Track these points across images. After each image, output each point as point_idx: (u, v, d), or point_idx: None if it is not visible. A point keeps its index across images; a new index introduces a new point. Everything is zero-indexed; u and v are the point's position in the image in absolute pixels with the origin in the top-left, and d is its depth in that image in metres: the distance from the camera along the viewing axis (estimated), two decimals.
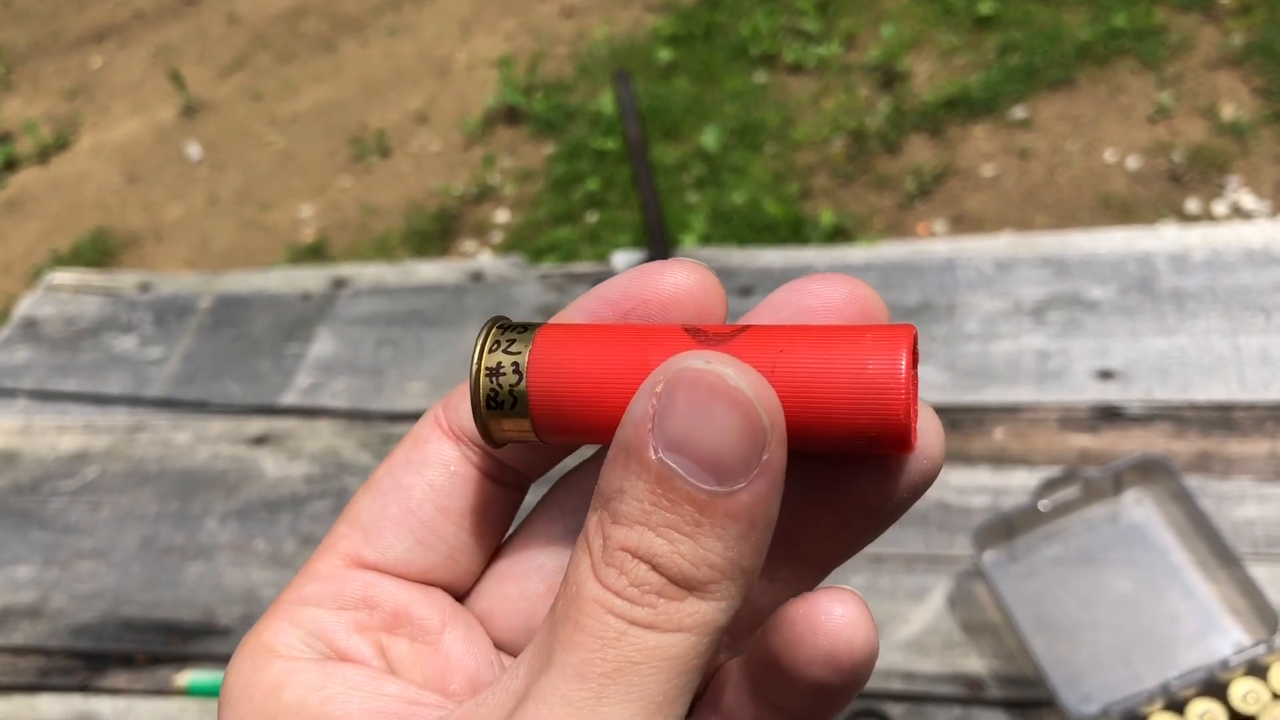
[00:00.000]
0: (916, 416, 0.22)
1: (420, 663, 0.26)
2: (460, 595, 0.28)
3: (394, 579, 0.27)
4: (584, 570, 0.21)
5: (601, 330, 0.24)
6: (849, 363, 0.22)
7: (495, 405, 0.24)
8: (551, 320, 0.25)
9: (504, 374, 0.23)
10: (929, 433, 0.24)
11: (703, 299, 0.25)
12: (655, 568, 0.21)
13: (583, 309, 0.25)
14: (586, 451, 0.28)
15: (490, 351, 0.24)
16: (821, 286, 0.24)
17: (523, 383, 0.23)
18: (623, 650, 0.20)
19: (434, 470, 0.27)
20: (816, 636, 0.22)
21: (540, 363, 0.23)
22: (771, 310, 0.25)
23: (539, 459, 0.28)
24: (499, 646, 0.28)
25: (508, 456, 0.27)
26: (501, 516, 0.28)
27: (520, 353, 0.24)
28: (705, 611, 0.21)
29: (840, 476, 0.24)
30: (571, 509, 0.28)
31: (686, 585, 0.21)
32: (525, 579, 0.28)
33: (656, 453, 0.20)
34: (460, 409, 0.27)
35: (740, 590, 0.21)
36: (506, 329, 0.24)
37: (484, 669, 0.26)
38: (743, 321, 0.25)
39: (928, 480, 0.24)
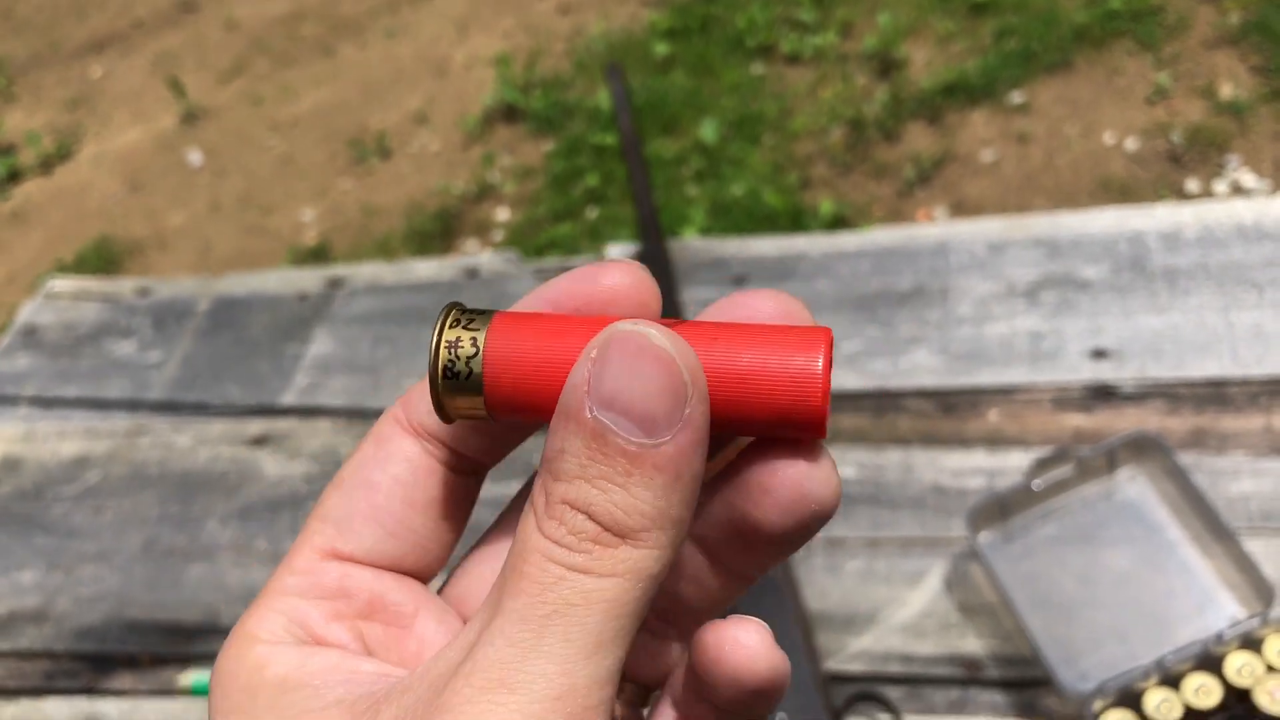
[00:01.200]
0: (827, 410, 0.24)
1: (395, 646, 0.28)
2: (430, 580, 0.30)
3: (368, 568, 0.28)
4: (529, 525, 0.23)
5: (553, 317, 0.25)
6: (776, 349, 0.24)
7: (451, 376, 0.25)
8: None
9: (462, 347, 0.25)
10: (827, 480, 0.25)
11: (638, 296, 0.27)
12: (591, 516, 0.22)
13: (527, 308, 0.27)
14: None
15: (450, 328, 0.25)
16: (755, 300, 0.26)
17: (479, 356, 0.25)
18: (561, 593, 0.22)
19: (398, 465, 0.28)
20: (721, 665, 0.25)
21: (496, 338, 0.25)
22: (711, 318, 0.27)
23: (494, 446, 0.29)
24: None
25: (465, 446, 0.28)
26: (462, 504, 0.29)
27: (478, 330, 0.25)
28: (638, 559, 0.23)
29: (746, 508, 0.26)
30: None
31: (619, 533, 0.22)
32: (499, 562, 0.29)
33: (591, 411, 0.22)
34: (419, 406, 0.28)
35: (670, 540, 0.23)
36: (466, 311, 0.26)
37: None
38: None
39: (821, 519, 0.26)
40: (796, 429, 0.24)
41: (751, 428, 0.24)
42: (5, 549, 1.00)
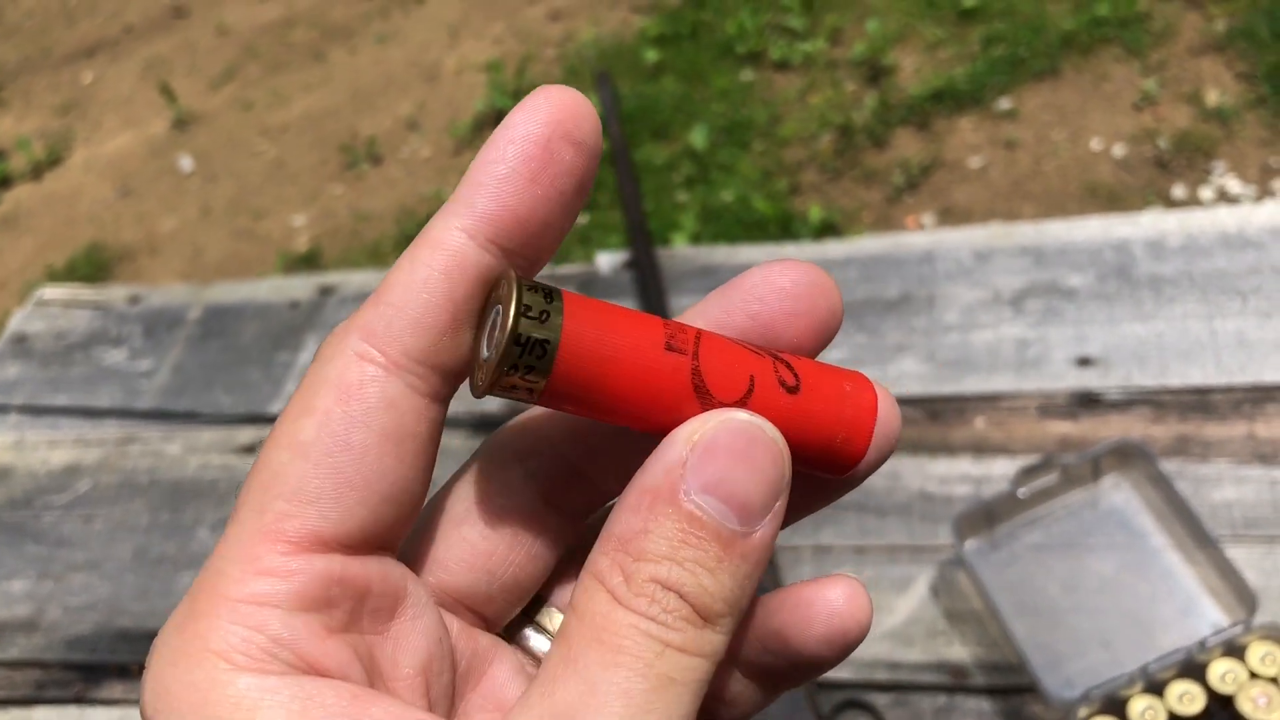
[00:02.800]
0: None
1: (373, 650, 0.24)
2: (400, 541, 0.26)
3: (352, 560, 0.24)
4: (605, 601, 0.22)
5: (620, 310, 0.24)
6: (840, 416, 0.25)
7: (523, 350, 0.22)
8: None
9: (538, 320, 0.22)
10: (892, 412, 0.26)
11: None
12: (683, 597, 0.22)
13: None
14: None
15: (527, 296, 0.22)
16: (791, 271, 0.26)
17: (555, 335, 0.22)
18: (663, 668, 0.22)
19: (383, 416, 0.23)
20: (832, 619, 0.25)
21: (574, 320, 0.23)
22: (748, 289, 0.26)
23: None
24: (447, 590, 0.27)
25: (458, 365, 0.25)
26: (438, 441, 0.25)
27: (554, 306, 0.23)
28: (717, 644, 0.23)
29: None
30: (526, 453, 0.27)
31: (705, 615, 0.23)
32: (484, 522, 0.27)
33: (689, 495, 0.22)
34: (393, 330, 0.23)
35: (735, 627, 0.23)
36: (534, 282, 0.23)
37: (433, 646, 0.25)
38: (714, 296, 0.27)
39: (886, 456, 0.27)
40: (840, 455, 0.26)
41: (803, 444, 0.25)
42: None
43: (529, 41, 2.62)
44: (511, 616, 0.28)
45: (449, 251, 0.24)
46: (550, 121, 0.24)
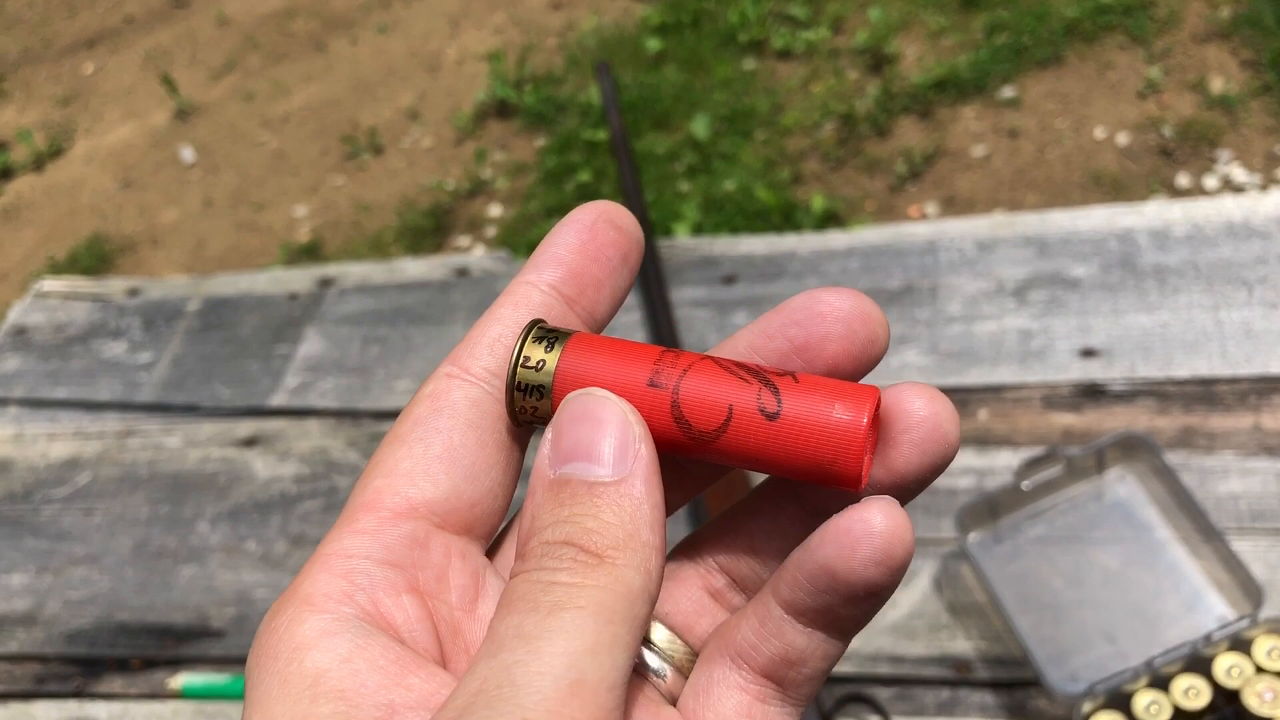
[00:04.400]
0: (869, 466, 0.27)
1: (461, 627, 0.27)
2: (493, 536, 0.29)
3: (438, 531, 0.27)
4: (509, 584, 0.24)
5: (622, 343, 0.28)
6: (824, 405, 0.26)
7: (524, 388, 0.27)
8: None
9: (537, 361, 0.27)
10: (943, 416, 0.27)
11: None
12: (568, 543, 0.24)
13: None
14: None
15: (530, 344, 0.27)
16: (832, 297, 0.28)
17: (552, 372, 0.27)
18: (553, 599, 0.23)
19: (466, 409, 0.28)
20: (874, 539, 0.25)
21: (568, 358, 0.27)
22: (790, 312, 0.28)
23: None
24: None
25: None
26: (522, 451, 0.29)
27: (554, 349, 0.27)
28: (618, 573, 0.24)
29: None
30: None
31: (598, 552, 0.24)
32: None
33: (555, 471, 0.25)
34: (475, 353, 0.29)
35: (644, 560, 0.24)
36: (547, 329, 0.28)
37: None
38: (763, 318, 0.29)
39: (941, 462, 0.27)
40: (835, 481, 0.26)
41: (791, 474, 0.26)
42: None
43: (530, 31, 2.61)
44: None
45: (517, 294, 0.29)
46: (595, 212, 0.30)
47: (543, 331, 0.28)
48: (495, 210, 2.19)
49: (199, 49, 2.97)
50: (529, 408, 0.27)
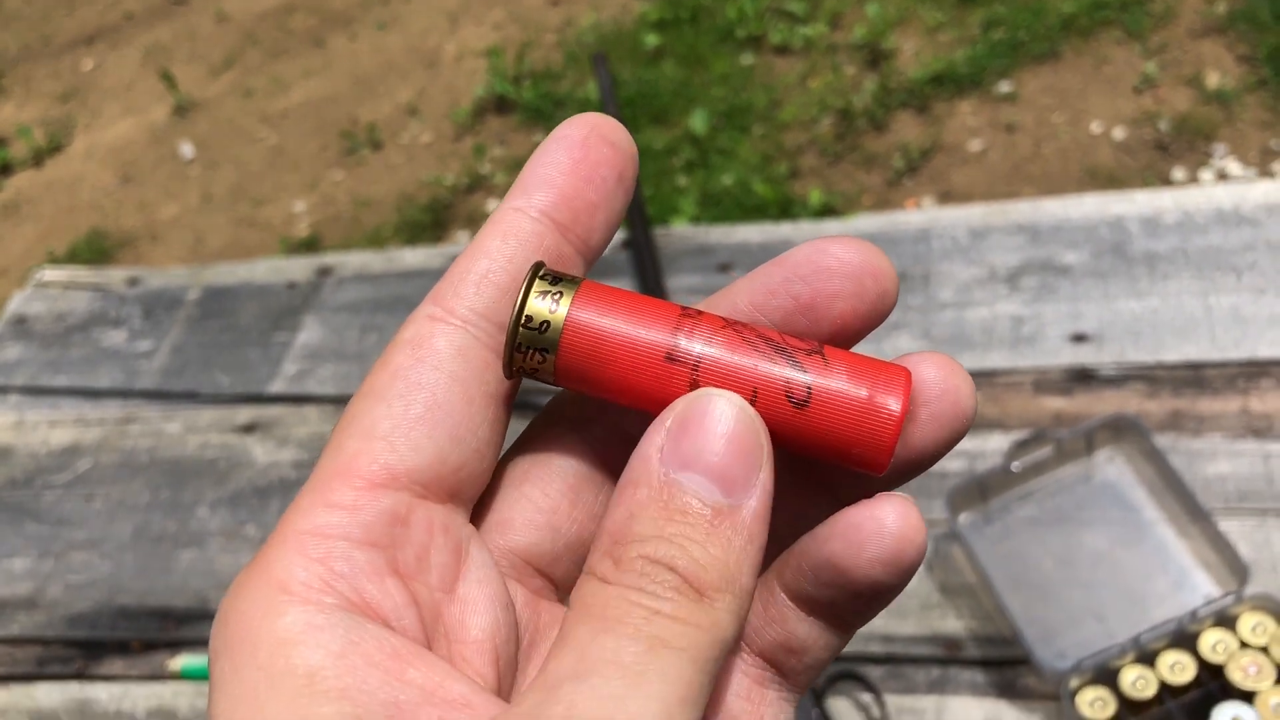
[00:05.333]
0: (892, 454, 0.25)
1: (441, 609, 0.25)
2: (478, 496, 0.27)
3: (420, 503, 0.24)
4: (596, 585, 0.23)
5: (635, 296, 0.25)
6: (859, 385, 0.24)
7: (529, 335, 0.25)
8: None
9: (545, 307, 0.25)
10: (962, 390, 0.25)
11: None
12: (672, 569, 0.22)
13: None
14: None
15: (536, 287, 0.25)
16: (840, 249, 0.26)
17: (560, 321, 0.25)
18: (655, 631, 0.21)
19: (451, 360, 0.25)
20: (883, 539, 0.23)
21: (580, 308, 0.25)
22: (793, 267, 0.26)
23: None
24: (515, 551, 0.27)
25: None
26: (510, 400, 0.27)
27: (564, 294, 0.25)
28: (715, 617, 0.22)
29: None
30: (581, 421, 0.28)
31: (698, 587, 0.22)
32: (546, 480, 0.27)
33: (667, 475, 0.23)
34: (460, 291, 0.26)
35: (739, 608, 0.22)
36: (552, 273, 0.25)
37: (500, 613, 0.25)
38: (762, 270, 0.27)
39: (957, 436, 0.25)
40: (858, 466, 0.25)
41: (810, 455, 0.25)
42: None
43: (529, 27, 2.62)
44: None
45: (505, 222, 0.26)
46: (587, 126, 0.27)
47: (547, 283, 0.25)
48: (494, 205, 2.20)
49: (198, 45, 2.97)
50: (530, 367, 0.25)
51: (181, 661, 0.87)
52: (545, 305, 0.25)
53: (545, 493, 0.27)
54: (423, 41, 2.71)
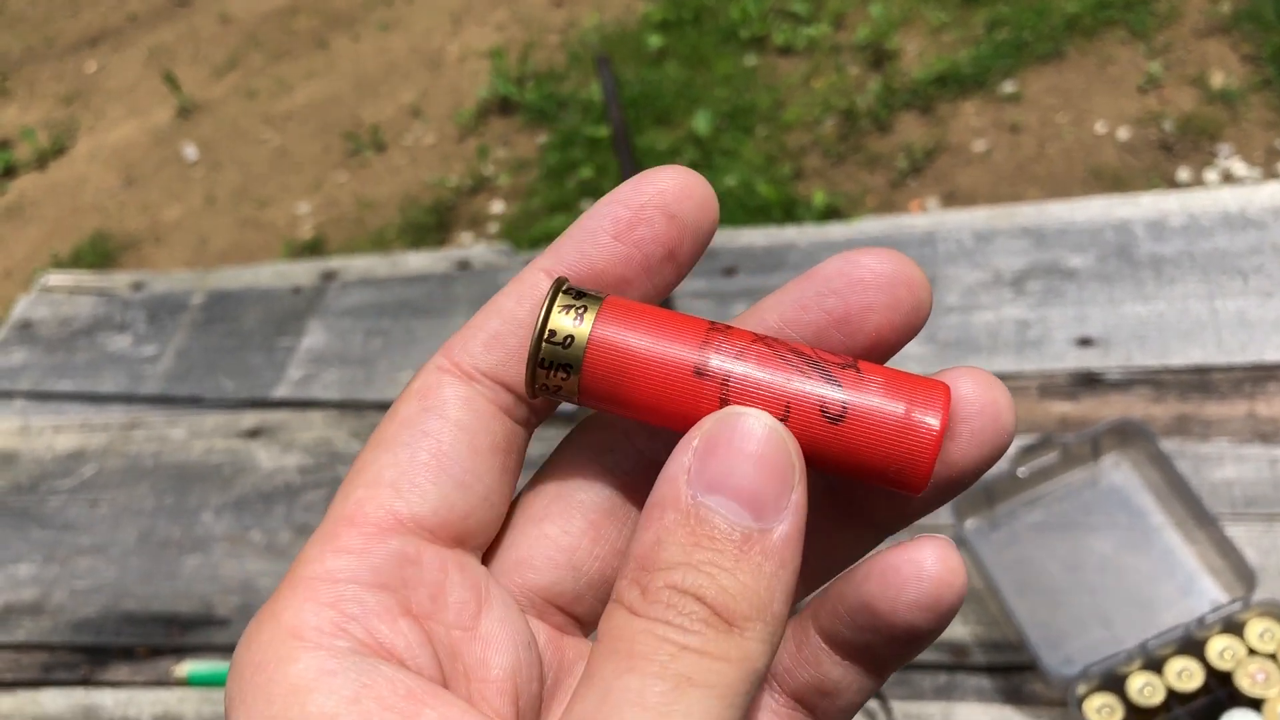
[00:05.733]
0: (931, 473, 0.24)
1: (460, 652, 0.24)
2: (488, 544, 0.27)
3: (430, 545, 0.24)
4: (623, 615, 0.22)
5: (661, 312, 0.25)
6: (897, 402, 0.24)
7: (551, 355, 0.24)
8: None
9: (568, 327, 0.24)
10: (1002, 405, 0.25)
11: (694, 199, 0.25)
12: (700, 599, 0.21)
13: (577, 241, 0.26)
14: None
15: (559, 306, 0.24)
16: (872, 260, 0.25)
17: (583, 340, 0.24)
18: (681, 669, 0.21)
19: (458, 410, 0.25)
20: (922, 583, 0.23)
21: (604, 326, 0.24)
22: (825, 280, 0.25)
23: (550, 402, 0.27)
24: (535, 590, 0.26)
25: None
26: (520, 454, 0.27)
27: (586, 312, 0.24)
28: (747, 649, 0.21)
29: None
30: (604, 448, 0.27)
31: (729, 618, 0.21)
32: (566, 517, 0.27)
33: (695, 498, 0.22)
34: (469, 349, 0.26)
35: (771, 636, 0.22)
36: (575, 290, 0.25)
37: (521, 651, 0.25)
38: (794, 285, 0.26)
39: (998, 453, 0.25)
40: (896, 486, 0.24)
41: (845, 475, 0.24)
42: (2, 542, 1.00)
43: (532, 28, 2.61)
44: None
45: (526, 284, 0.26)
46: (651, 191, 0.25)
47: (570, 298, 0.24)
48: (498, 207, 2.20)
49: (201, 47, 2.98)
50: (553, 385, 0.25)
51: (188, 668, 0.87)
52: (568, 321, 0.24)
53: (565, 530, 0.27)
54: (426, 42, 2.71)
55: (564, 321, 0.24)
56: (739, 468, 0.22)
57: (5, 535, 1.01)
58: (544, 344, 0.24)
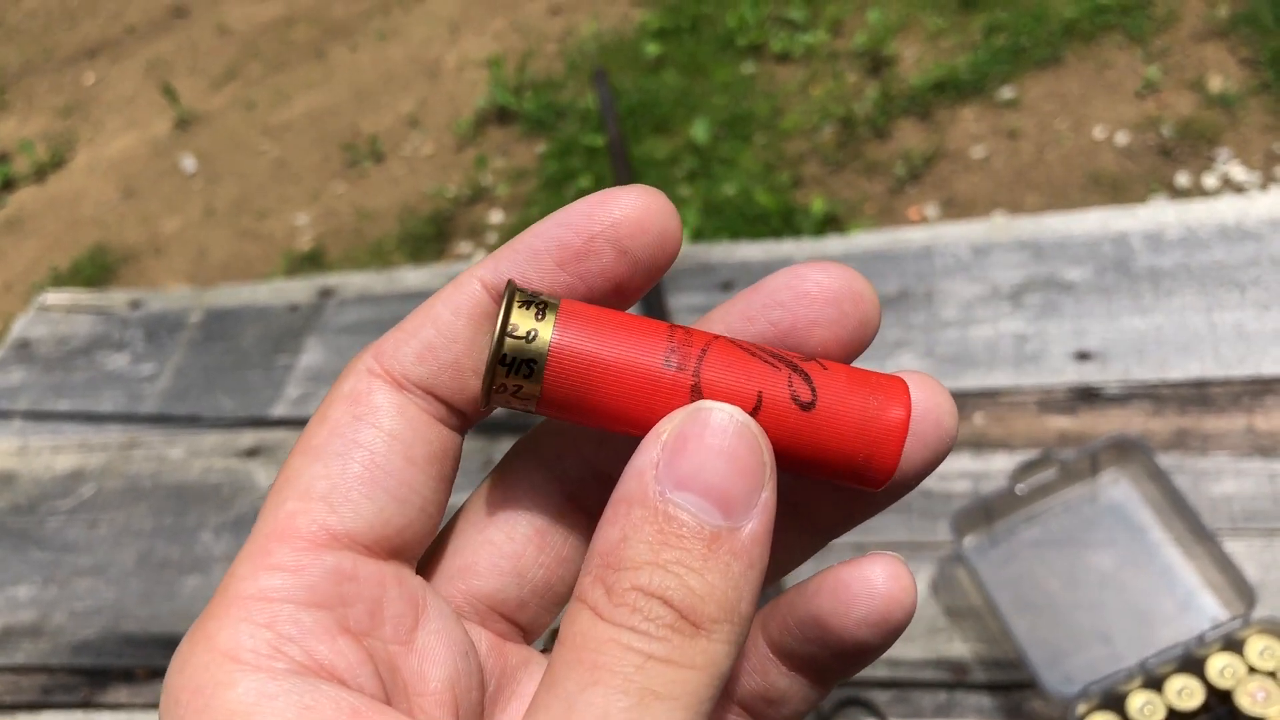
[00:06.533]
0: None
1: (398, 667, 0.24)
2: (422, 552, 0.26)
3: (366, 560, 0.24)
4: (587, 619, 0.21)
5: (619, 314, 0.24)
6: (864, 400, 0.24)
7: (510, 365, 0.23)
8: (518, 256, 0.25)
9: (526, 334, 0.23)
10: (944, 409, 0.24)
11: (656, 223, 0.25)
12: (667, 603, 0.21)
13: (539, 242, 0.25)
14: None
15: (516, 312, 0.23)
16: (819, 274, 0.25)
17: (544, 350, 0.23)
18: (646, 682, 0.20)
19: (390, 419, 0.24)
20: (872, 600, 0.23)
21: (564, 333, 0.23)
22: (771, 292, 0.25)
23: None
24: (479, 597, 0.26)
25: (460, 399, 0.25)
26: (455, 459, 0.26)
27: (545, 319, 0.23)
28: (714, 652, 0.21)
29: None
30: (551, 456, 0.27)
31: (696, 621, 0.21)
32: (510, 524, 0.26)
33: (663, 495, 0.21)
34: (398, 354, 0.25)
35: (737, 638, 0.22)
36: (530, 295, 0.24)
37: (459, 660, 0.25)
38: (740, 297, 0.25)
39: (940, 456, 0.25)
40: (861, 477, 0.24)
41: (813, 470, 0.24)
42: (1, 564, 1.00)
43: (530, 37, 2.61)
44: (549, 623, 0.27)
45: (465, 295, 0.25)
46: (605, 221, 0.24)
47: (526, 297, 0.24)
48: (496, 216, 2.20)
49: (200, 58, 2.98)
50: (511, 386, 0.23)
51: None
52: (529, 319, 0.23)
53: (510, 537, 0.26)
54: (424, 52, 2.71)
55: (525, 320, 0.23)
56: (709, 464, 0.21)
57: (4, 557, 1.01)
58: (502, 357, 0.23)
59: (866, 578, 0.23)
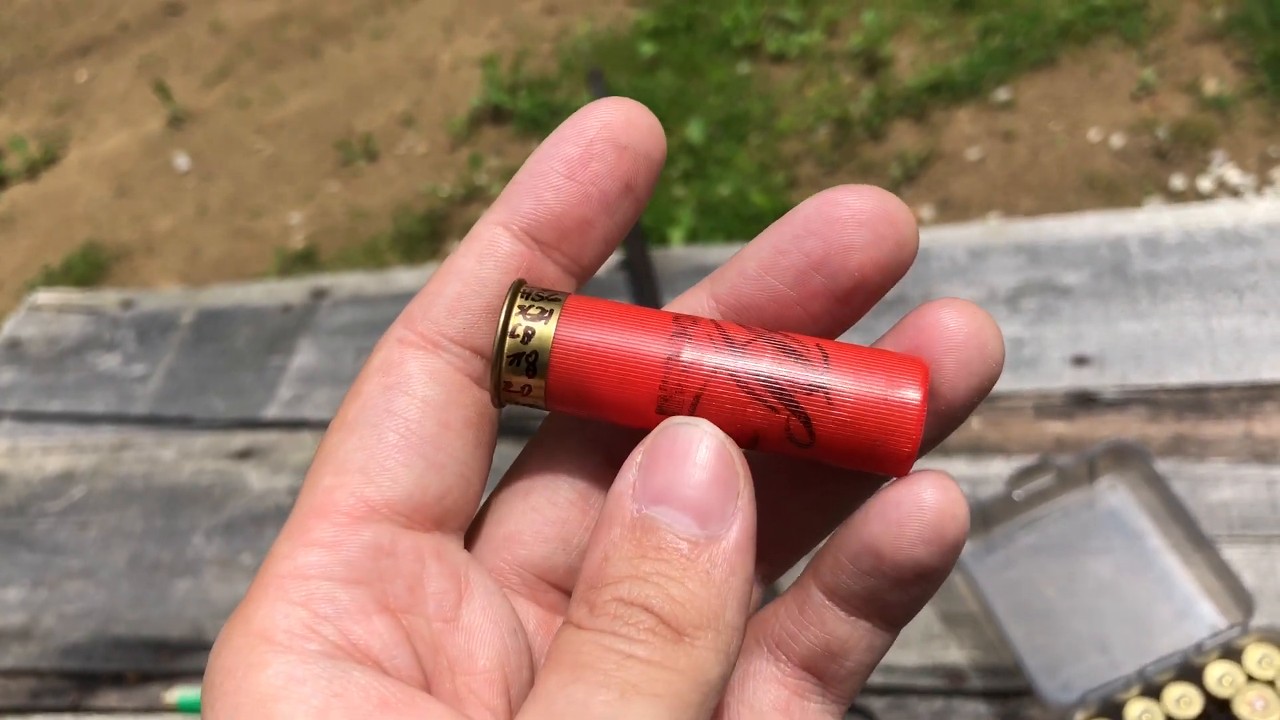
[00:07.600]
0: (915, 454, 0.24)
1: (442, 640, 0.23)
2: (469, 522, 0.26)
3: (405, 532, 0.23)
4: (570, 632, 0.21)
5: (624, 308, 0.24)
6: (875, 384, 0.23)
7: (516, 363, 0.24)
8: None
9: (529, 332, 0.23)
10: (988, 333, 0.24)
11: (637, 135, 0.25)
12: (648, 609, 0.21)
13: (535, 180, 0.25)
14: None
15: (519, 310, 0.24)
16: (851, 197, 0.24)
17: (548, 346, 0.23)
18: (627, 678, 0.20)
19: (424, 385, 0.24)
20: (924, 514, 0.22)
21: (567, 328, 0.24)
22: (803, 221, 0.24)
23: None
24: (526, 566, 0.26)
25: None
26: (494, 423, 0.26)
27: (549, 316, 0.24)
28: (697, 658, 0.21)
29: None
30: (586, 422, 0.26)
31: (677, 628, 0.21)
32: (552, 489, 0.26)
33: (639, 511, 0.21)
34: (431, 315, 0.24)
35: (725, 647, 0.21)
36: (534, 292, 0.24)
37: (506, 638, 0.24)
38: (771, 230, 0.25)
39: (987, 383, 0.25)
40: (880, 466, 0.24)
41: (836, 457, 0.24)
42: None
43: (524, 36, 2.61)
44: None
45: (483, 241, 0.25)
46: (597, 124, 0.25)
47: (529, 299, 0.24)
48: None
49: (193, 56, 2.97)
50: (519, 386, 0.24)
51: (178, 694, 0.86)
52: (530, 326, 0.23)
53: (553, 502, 0.26)
54: (418, 51, 2.70)
55: (525, 327, 0.23)
56: (680, 477, 0.22)
57: None
58: (506, 356, 0.24)
59: (916, 494, 0.23)
